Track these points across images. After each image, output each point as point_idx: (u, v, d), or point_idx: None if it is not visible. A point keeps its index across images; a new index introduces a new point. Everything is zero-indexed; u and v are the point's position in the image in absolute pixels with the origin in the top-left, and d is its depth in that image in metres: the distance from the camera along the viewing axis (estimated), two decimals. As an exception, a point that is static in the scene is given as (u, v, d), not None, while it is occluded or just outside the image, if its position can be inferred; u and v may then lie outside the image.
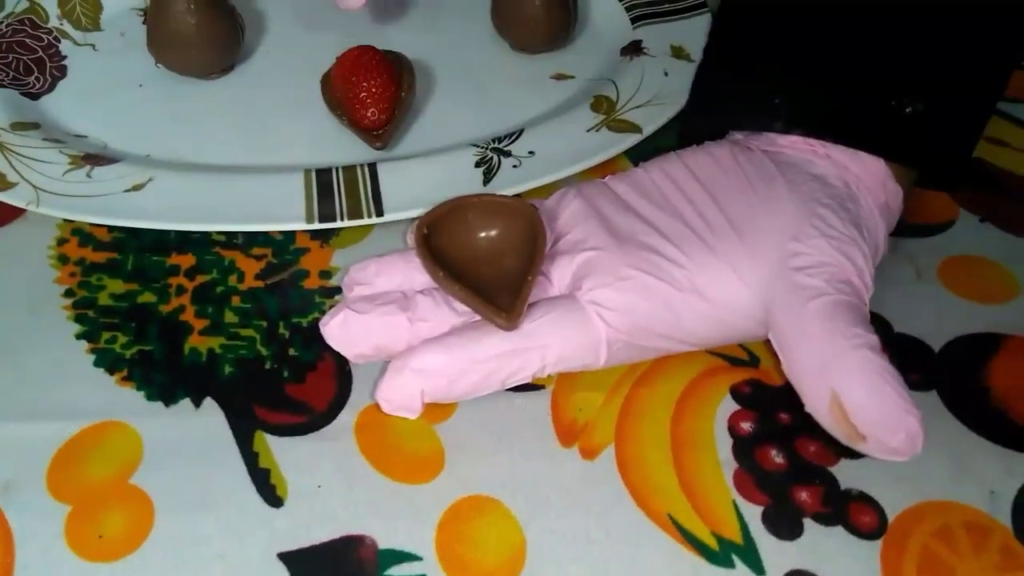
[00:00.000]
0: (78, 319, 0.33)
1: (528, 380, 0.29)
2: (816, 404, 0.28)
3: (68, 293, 0.34)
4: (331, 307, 0.33)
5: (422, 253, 0.30)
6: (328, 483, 0.28)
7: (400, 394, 0.29)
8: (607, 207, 0.32)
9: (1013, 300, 0.34)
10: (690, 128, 0.36)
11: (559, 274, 0.31)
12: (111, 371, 0.31)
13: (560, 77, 0.43)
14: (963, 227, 0.37)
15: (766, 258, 0.29)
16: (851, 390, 0.27)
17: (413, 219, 0.35)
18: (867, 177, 0.32)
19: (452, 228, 0.31)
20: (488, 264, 0.30)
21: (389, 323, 0.29)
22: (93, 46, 0.46)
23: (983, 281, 0.35)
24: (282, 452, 0.29)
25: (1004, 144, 0.40)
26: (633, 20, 0.45)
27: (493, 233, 0.31)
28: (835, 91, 0.33)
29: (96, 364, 0.32)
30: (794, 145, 0.33)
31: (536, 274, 0.29)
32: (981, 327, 0.33)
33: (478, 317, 0.29)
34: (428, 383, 0.28)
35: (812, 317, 0.28)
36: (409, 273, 0.31)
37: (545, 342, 0.28)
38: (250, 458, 0.29)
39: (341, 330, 0.30)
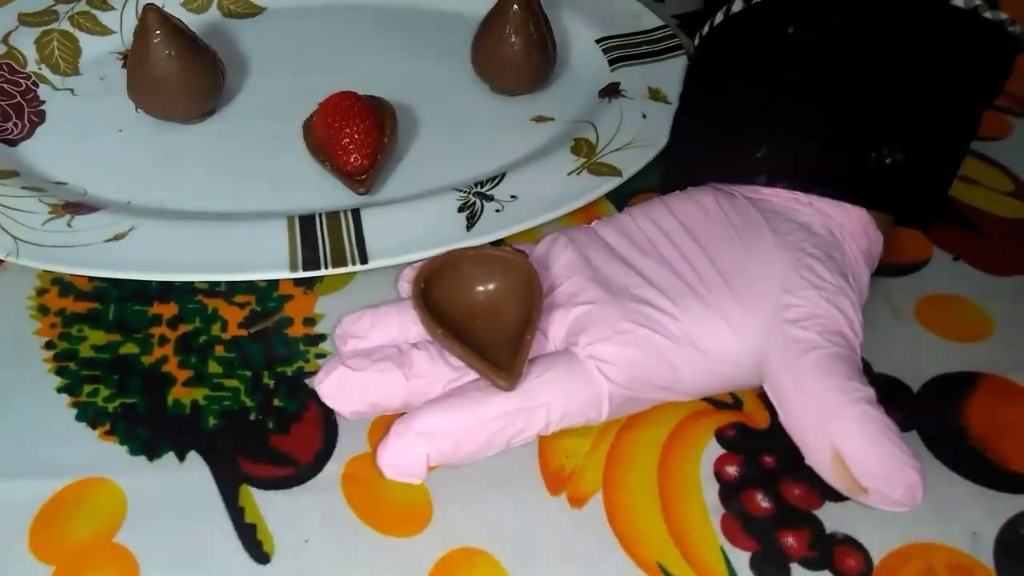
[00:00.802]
0: (59, 372, 0.33)
1: (532, 439, 0.29)
2: (817, 457, 0.28)
3: (49, 345, 0.34)
4: (316, 355, 0.34)
5: (420, 307, 0.30)
6: (315, 538, 0.28)
7: (405, 459, 0.28)
8: (597, 257, 0.32)
9: (987, 338, 0.35)
10: (670, 180, 0.37)
11: (554, 328, 0.31)
12: (93, 425, 0.31)
13: (540, 119, 0.44)
14: (937, 266, 0.37)
15: (758, 310, 0.30)
16: (852, 445, 0.27)
17: (401, 265, 0.35)
18: (850, 224, 0.32)
19: (447, 281, 0.31)
20: (483, 318, 0.31)
21: (385, 380, 0.29)
22: (72, 91, 0.45)
23: (959, 319, 0.35)
24: (268, 506, 0.29)
25: (974, 182, 0.41)
26: (611, 62, 0.46)
27: (489, 287, 0.31)
28: (817, 144, 0.33)
29: (78, 418, 0.31)
30: (778, 193, 0.33)
31: (534, 332, 0.29)
32: (957, 366, 0.34)
33: (473, 374, 0.29)
34: (434, 447, 0.28)
35: (809, 372, 0.28)
36: (404, 325, 0.31)
37: (549, 399, 0.28)
38: (236, 513, 0.29)
39: (337, 388, 0.29)
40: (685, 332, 0.29)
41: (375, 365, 0.29)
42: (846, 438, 0.27)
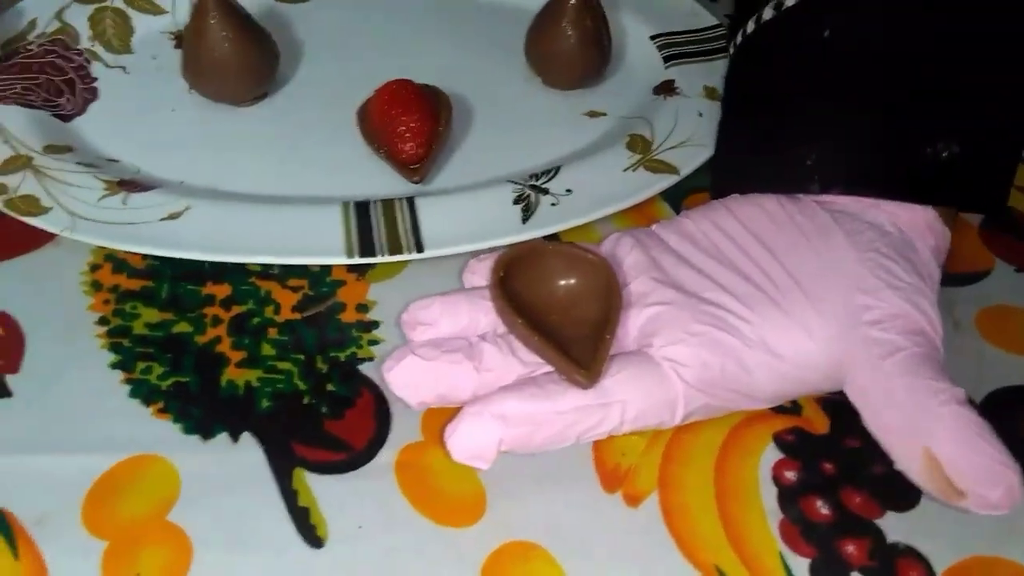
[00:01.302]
0: (112, 348, 0.32)
1: (604, 436, 0.29)
2: (908, 461, 0.27)
3: (102, 321, 0.33)
4: (369, 342, 0.33)
5: (498, 297, 0.29)
6: (369, 524, 0.28)
7: (477, 441, 0.27)
8: (664, 259, 0.32)
9: (1050, 352, 0.34)
10: (720, 190, 0.36)
11: (623, 327, 0.30)
12: (147, 403, 0.31)
13: (593, 114, 0.43)
14: (999, 276, 0.37)
15: (835, 313, 0.29)
16: (946, 448, 0.26)
17: (457, 256, 0.35)
18: (917, 222, 0.32)
19: (525, 273, 0.31)
20: (558, 313, 0.30)
21: (455, 371, 0.29)
22: (124, 68, 0.45)
23: (1021, 332, 0.35)
24: (321, 490, 0.29)
25: (1035, 194, 0.41)
26: (665, 59, 0.46)
27: (568, 283, 0.31)
28: (867, 146, 0.33)
29: (131, 395, 0.31)
30: (837, 198, 0.33)
31: (614, 332, 0.28)
32: (1021, 379, 0.33)
33: (545, 368, 0.29)
34: (509, 431, 0.27)
35: (894, 375, 0.28)
36: (474, 315, 0.30)
37: (625, 398, 0.28)
38: (289, 496, 0.28)
39: (406, 377, 0.29)
40: (760, 336, 0.29)
41: (446, 356, 0.29)
42: (939, 440, 0.26)
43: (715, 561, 0.27)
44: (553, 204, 0.37)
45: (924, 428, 0.27)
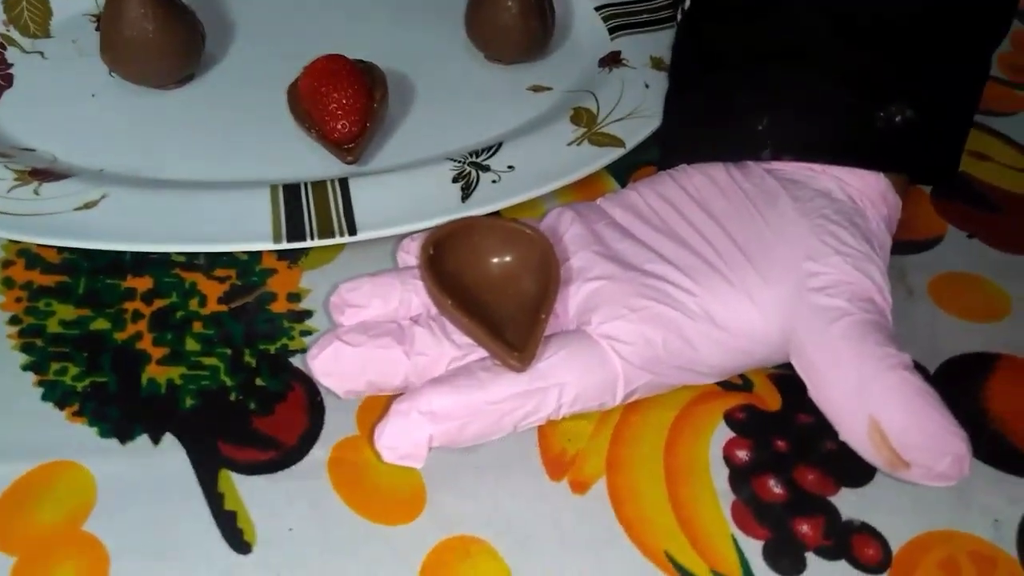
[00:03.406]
0: (24, 348, 0.30)
1: (542, 423, 0.28)
2: (853, 431, 0.26)
3: (14, 320, 0.31)
4: (301, 332, 0.32)
5: (428, 277, 0.28)
6: (300, 526, 0.26)
7: (406, 440, 0.26)
8: (607, 232, 0.31)
9: (1005, 318, 0.33)
10: (668, 161, 0.34)
11: (562, 304, 0.29)
12: (61, 406, 0.29)
13: (537, 89, 0.42)
14: (951, 243, 0.36)
15: (781, 281, 0.28)
16: (891, 414, 0.25)
17: (394, 238, 0.33)
18: (867, 190, 0.31)
19: (457, 250, 0.29)
20: (493, 292, 0.29)
21: (385, 357, 0.27)
22: (42, 54, 0.43)
23: (974, 299, 0.34)
24: (249, 492, 0.27)
25: (987, 158, 0.40)
26: (611, 31, 0.44)
27: (503, 260, 0.29)
28: (820, 110, 0.32)
29: (44, 398, 0.29)
30: (788, 164, 0.32)
31: (550, 312, 0.27)
32: (975, 346, 0.32)
33: (480, 352, 0.27)
34: (438, 427, 0.26)
35: (839, 339, 0.26)
36: (406, 296, 0.29)
37: (561, 381, 0.27)
38: (214, 500, 0.27)
39: (332, 364, 0.27)
40: (704, 308, 0.28)
41: (374, 341, 0.27)
42: (885, 407, 0.25)
43: (665, 547, 0.26)
44: (494, 181, 0.35)
45: (869, 395, 0.26)
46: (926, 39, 0.31)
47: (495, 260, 0.29)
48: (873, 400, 0.25)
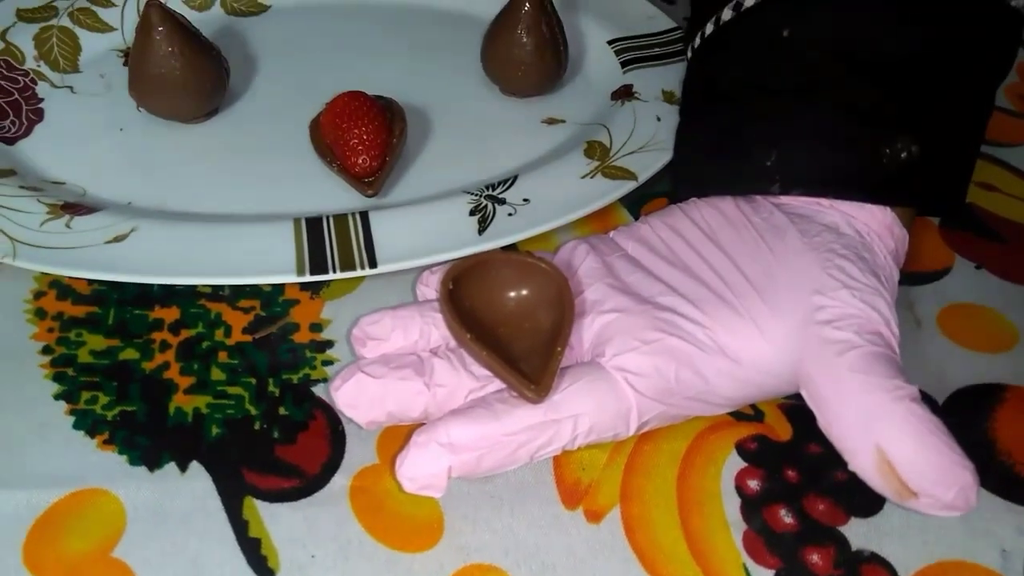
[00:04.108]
0: (56, 378, 0.31)
1: (557, 453, 0.28)
2: (861, 462, 0.27)
3: (46, 350, 0.32)
4: (323, 362, 0.32)
5: (447, 311, 0.29)
6: (322, 553, 0.27)
7: (426, 471, 0.27)
8: (620, 265, 0.31)
9: (1013, 349, 0.34)
10: (680, 195, 0.35)
11: (577, 336, 0.30)
12: (92, 434, 0.30)
13: (552, 121, 0.43)
14: (960, 274, 0.37)
15: (790, 314, 0.29)
16: (899, 445, 0.26)
17: (413, 270, 0.34)
18: (874, 224, 0.31)
19: (475, 284, 0.30)
20: (509, 325, 0.29)
21: (405, 388, 0.28)
22: (71, 88, 0.44)
23: (983, 329, 0.34)
24: (273, 519, 0.28)
25: (995, 189, 0.41)
26: (623, 64, 0.45)
27: (521, 293, 0.30)
28: (827, 146, 0.32)
29: (75, 427, 0.30)
30: (796, 199, 0.32)
31: (565, 344, 0.28)
32: (983, 377, 0.33)
33: (497, 383, 0.28)
34: (456, 458, 0.27)
35: (848, 372, 0.27)
36: (426, 329, 0.30)
37: (576, 412, 0.27)
38: (239, 526, 0.28)
39: (354, 396, 0.28)
40: (715, 341, 0.28)
41: (395, 372, 0.28)
42: (892, 438, 0.26)
43: (678, 576, 0.27)
44: (510, 214, 0.36)
45: (877, 426, 0.26)
46: (930, 76, 0.32)
47: (512, 294, 0.30)
48: (881, 431, 0.26)
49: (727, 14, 0.35)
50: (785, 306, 0.29)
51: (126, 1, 0.47)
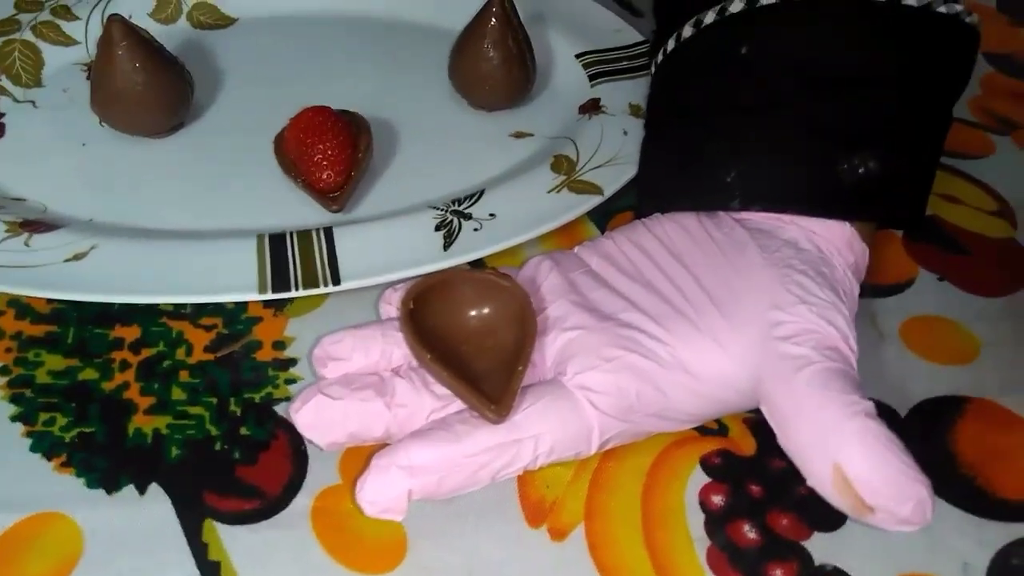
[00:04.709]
0: (13, 399, 0.31)
1: (519, 473, 0.28)
2: (819, 478, 0.27)
3: (3, 371, 0.32)
4: (286, 380, 0.32)
5: (407, 331, 0.28)
6: (283, 575, 0.27)
7: (386, 494, 0.26)
8: (583, 282, 0.31)
9: (974, 361, 0.34)
10: (644, 209, 0.35)
11: (540, 354, 0.30)
12: (49, 456, 0.29)
13: (519, 135, 0.43)
14: (922, 286, 0.37)
15: (748, 329, 0.29)
16: (854, 461, 0.26)
17: (377, 287, 0.34)
18: (834, 239, 0.32)
19: (436, 303, 0.30)
20: (471, 343, 0.29)
21: (366, 410, 0.28)
22: (33, 103, 0.44)
23: (945, 341, 0.35)
24: (233, 542, 0.27)
25: (958, 201, 0.41)
26: (591, 77, 0.45)
27: (481, 312, 0.30)
28: (786, 162, 0.33)
29: (32, 449, 0.30)
30: (757, 214, 0.33)
31: (527, 363, 0.28)
32: (945, 389, 0.33)
33: (459, 403, 0.28)
34: (416, 481, 0.26)
35: (804, 387, 0.27)
36: (388, 348, 0.30)
37: (537, 432, 0.27)
38: (199, 550, 0.27)
39: (314, 418, 0.28)
40: (675, 356, 0.28)
41: (355, 394, 0.28)
42: (848, 454, 0.26)
43: (641, 594, 0.27)
44: (476, 229, 0.36)
45: (833, 442, 0.26)
46: (887, 92, 0.32)
47: (473, 312, 0.30)
48: (836, 447, 0.26)
49: (688, 31, 0.35)
50: (744, 321, 0.29)
51: (90, 14, 0.47)
